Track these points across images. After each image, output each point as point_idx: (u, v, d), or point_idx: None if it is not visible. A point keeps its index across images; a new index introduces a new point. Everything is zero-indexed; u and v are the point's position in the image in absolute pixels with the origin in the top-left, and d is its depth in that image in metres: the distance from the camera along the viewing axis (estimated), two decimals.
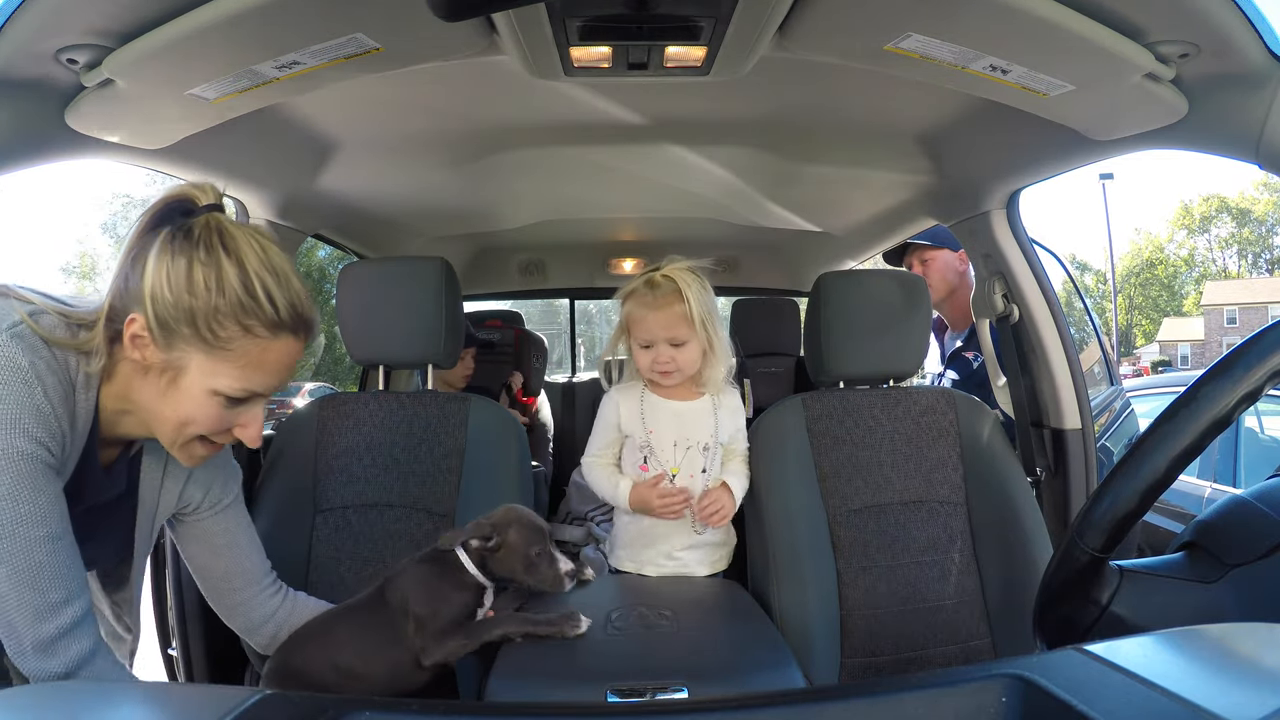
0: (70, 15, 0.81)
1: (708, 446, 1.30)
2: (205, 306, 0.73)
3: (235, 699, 0.39)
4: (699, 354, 1.27)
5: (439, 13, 0.78)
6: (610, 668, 0.90)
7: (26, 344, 0.71)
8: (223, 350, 0.75)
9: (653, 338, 1.26)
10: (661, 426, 1.30)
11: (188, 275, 0.73)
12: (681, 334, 1.24)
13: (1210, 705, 0.34)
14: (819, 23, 0.92)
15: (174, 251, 0.73)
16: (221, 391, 0.77)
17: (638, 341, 1.28)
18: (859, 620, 1.29)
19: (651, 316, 1.25)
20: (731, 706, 0.42)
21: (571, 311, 3.34)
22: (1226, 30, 0.82)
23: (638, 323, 1.27)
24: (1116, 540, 0.60)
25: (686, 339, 1.24)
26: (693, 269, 1.27)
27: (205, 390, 0.76)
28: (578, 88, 1.25)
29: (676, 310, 1.23)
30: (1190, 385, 0.58)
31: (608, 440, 1.34)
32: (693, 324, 1.23)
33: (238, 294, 0.74)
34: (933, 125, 1.43)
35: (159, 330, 0.74)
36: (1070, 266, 4.55)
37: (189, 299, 0.73)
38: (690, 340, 1.25)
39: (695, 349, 1.26)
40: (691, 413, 1.31)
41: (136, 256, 0.75)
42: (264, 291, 0.76)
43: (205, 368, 0.75)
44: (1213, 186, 46.74)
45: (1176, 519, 2.59)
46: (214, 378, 0.76)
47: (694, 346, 1.26)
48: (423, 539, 1.26)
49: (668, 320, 1.24)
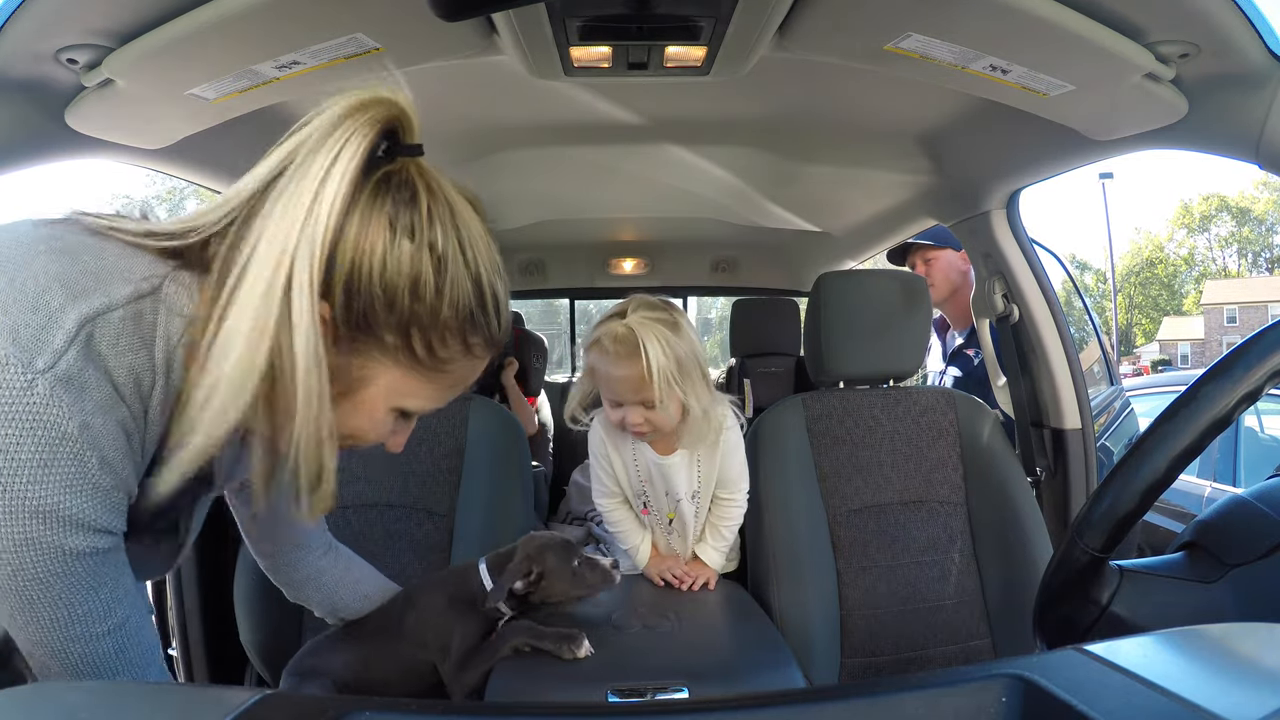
0: (70, 15, 0.81)
1: (694, 495, 1.26)
2: (428, 315, 0.54)
3: (235, 699, 0.39)
4: (678, 409, 1.12)
5: (439, 13, 0.78)
6: (610, 668, 0.90)
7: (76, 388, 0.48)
8: (433, 370, 0.57)
9: (619, 399, 1.12)
10: (654, 478, 1.26)
11: (411, 266, 0.52)
12: (649, 396, 1.08)
13: (1210, 705, 0.34)
14: (819, 23, 0.92)
15: (393, 222, 0.51)
16: (410, 410, 0.60)
17: (605, 398, 1.15)
18: (859, 620, 1.29)
19: (613, 376, 1.09)
20: (731, 706, 0.42)
21: (571, 311, 3.34)
22: (1226, 30, 0.82)
23: (602, 381, 1.13)
24: (1116, 540, 0.60)
25: (660, 398, 1.08)
26: (662, 308, 1.10)
27: (388, 408, 0.58)
28: (578, 88, 1.25)
29: (638, 371, 1.06)
30: (1190, 385, 0.58)
31: (610, 476, 1.27)
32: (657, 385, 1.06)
33: (471, 304, 0.55)
34: (933, 125, 1.43)
35: (351, 328, 0.53)
36: (1070, 266, 4.56)
37: (408, 301, 0.52)
38: (664, 398, 1.08)
39: (673, 406, 1.11)
40: (670, 467, 1.23)
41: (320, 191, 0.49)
42: (494, 301, 0.57)
43: (399, 386, 0.57)
44: (1213, 186, 46.81)
45: (1176, 519, 2.59)
46: (406, 397, 0.58)
47: (670, 405, 1.10)
48: (422, 539, 1.26)
49: (631, 382, 1.08)
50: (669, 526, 1.30)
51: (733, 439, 1.24)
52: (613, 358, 1.08)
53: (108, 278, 0.50)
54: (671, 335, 1.07)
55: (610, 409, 1.15)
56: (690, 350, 1.09)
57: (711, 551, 1.27)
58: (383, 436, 0.61)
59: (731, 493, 1.27)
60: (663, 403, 1.09)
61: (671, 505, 1.27)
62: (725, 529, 1.28)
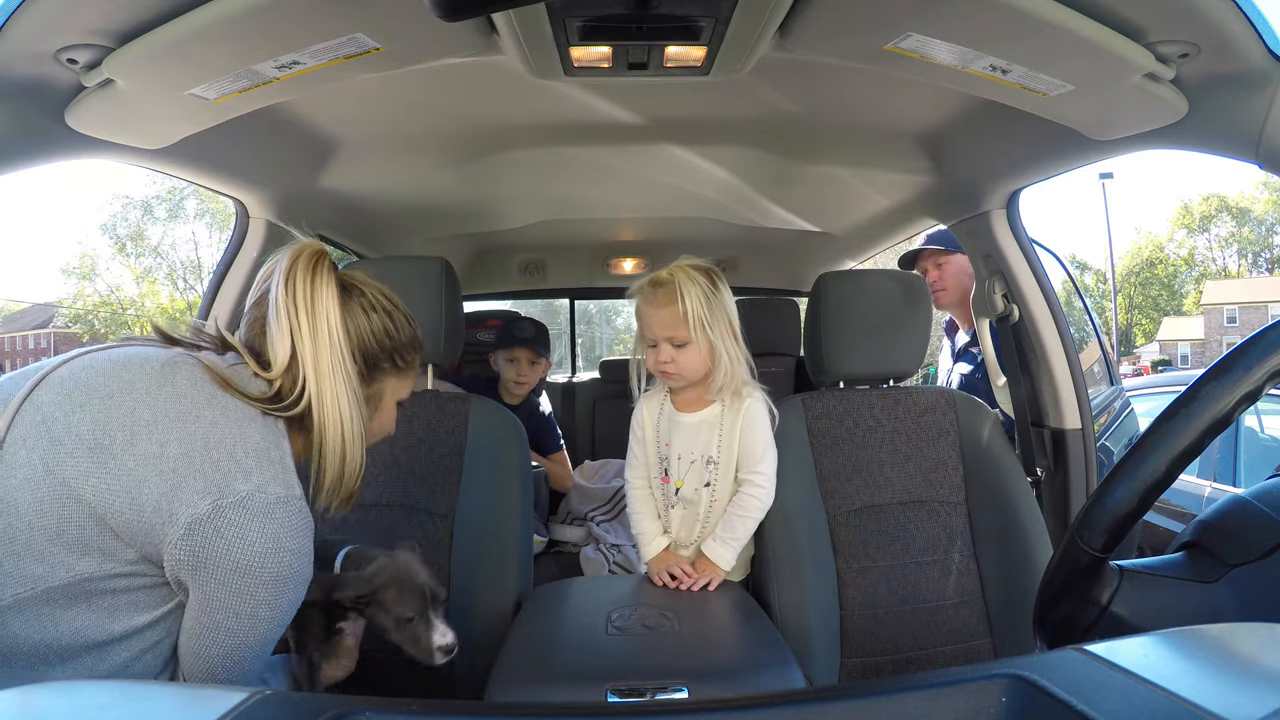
0: (70, 15, 0.81)
1: (711, 460, 1.27)
2: (399, 342, 0.92)
3: (235, 699, 0.39)
4: (702, 358, 1.23)
5: (439, 13, 0.78)
6: (610, 668, 0.90)
7: (303, 510, 0.80)
8: (408, 370, 0.96)
9: (654, 336, 1.25)
10: (675, 439, 1.30)
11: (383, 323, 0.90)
12: (680, 334, 1.22)
13: (1210, 705, 0.34)
14: (819, 23, 0.92)
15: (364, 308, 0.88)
16: (403, 401, 0.97)
17: (644, 339, 1.28)
18: (859, 620, 1.29)
19: (652, 315, 1.24)
20: (731, 706, 0.42)
21: (571, 312, 3.34)
22: (1226, 30, 0.82)
23: (642, 319, 1.27)
24: (1116, 540, 0.60)
25: (686, 340, 1.22)
26: (704, 269, 1.24)
27: (394, 404, 0.96)
28: (578, 88, 1.25)
29: (675, 310, 1.21)
30: (1190, 385, 0.58)
31: (640, 456, 1.34)
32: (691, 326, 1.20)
33: (410, 330, 0.94)
34: (933, 125, 1.43)
35: (369, 369, 0.90)
36: (1070, 266, 4.55)
37: (388, 340, 0.90)
38: (691, 341, 1.22)
39: (697, 351, 1.23)
40: (698, 424, 1.29)
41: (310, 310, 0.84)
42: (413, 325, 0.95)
43: (395, 387, 0.95)
44: (1213, 186, 46.73)
45: (1176, 519, 2.59)
46: (400, 392, 0.96)
47: (696, 349, 1.23)
48: (422, 539, 1.26)
49: (666, 320, 1.22)
50: (677, 498, 1.29)
51: (757, 411, 1.28)
52: (651, 296, 1.24)
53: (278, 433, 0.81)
54: (708, 285, 1.22)
55: (647, 351, 1.28)
56: (723, 305, 1.24)
57: (721, 548, 1.25)
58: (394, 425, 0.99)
59: (751, 473, 1.26)
60: (694, 343, 1.22)
61: (683, 471, 1.28)
62: (739, 521, 1.25)
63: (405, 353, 0.93)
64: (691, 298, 1.20)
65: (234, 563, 0.72)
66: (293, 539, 0.76)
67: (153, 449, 0.72)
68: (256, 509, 0.73)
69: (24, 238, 35.76)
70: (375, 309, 0.89)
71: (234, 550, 0.72)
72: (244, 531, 0.72)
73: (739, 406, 1.27)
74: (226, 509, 0.72)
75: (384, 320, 0.89)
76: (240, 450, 0.75)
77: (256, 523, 0.73)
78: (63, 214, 36.61)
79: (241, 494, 0.73)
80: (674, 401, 1.31)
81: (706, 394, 1.28)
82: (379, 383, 0.92)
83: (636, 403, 1.35)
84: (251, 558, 0.73)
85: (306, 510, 0.79)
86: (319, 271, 0.84)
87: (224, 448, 0.75)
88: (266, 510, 0.74)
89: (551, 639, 1.03)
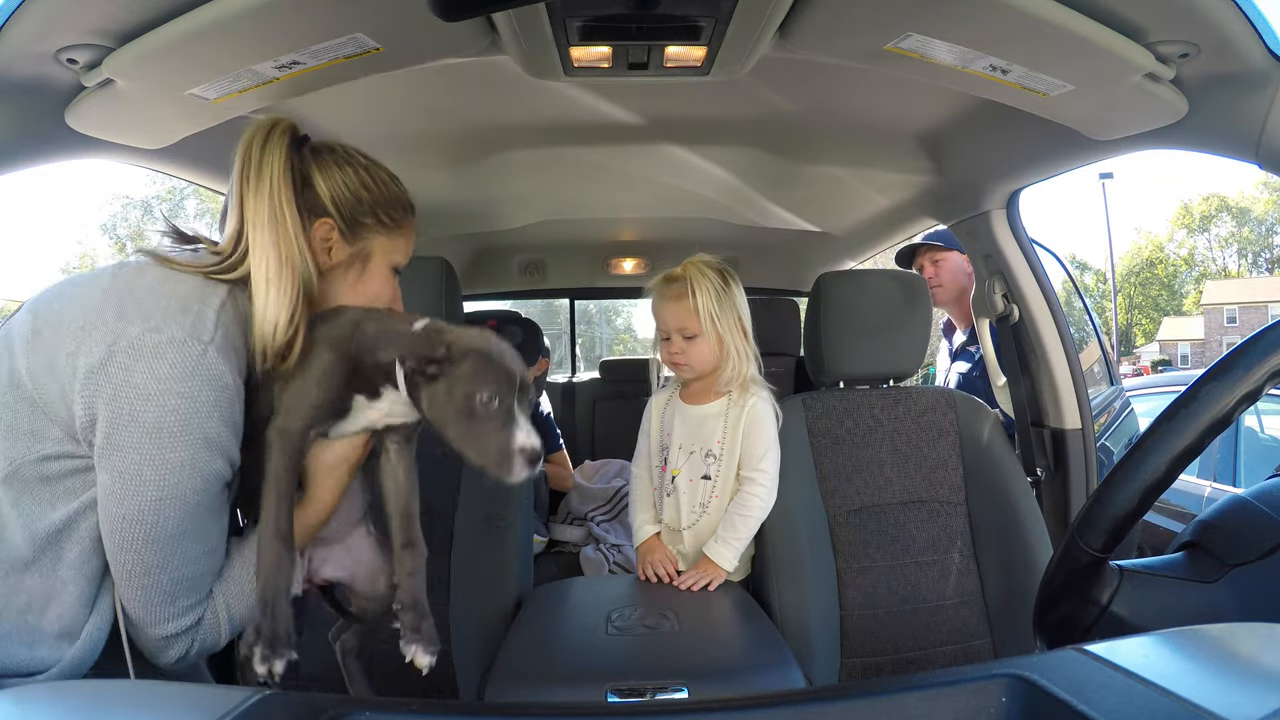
0: (70, 15, 0.81)
1: (711, 453, 1.29)
2: (379, 196, 0.86)
3: (235, 699, 0.39)
4: (712, 350, 1.29)
5: (439, 13, 0.78)
6: (610, 668, 0.90)
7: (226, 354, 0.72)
8: (398, 230, 0.89)
9: (667, 328, 1.31)
10: (677, 429, 1.34)
11: (358, 178, 0.85)
12: (691, 327, 1.28)
13: (1210, 705, 0.34)
14: (819, 23, 0.92)
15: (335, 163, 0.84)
16: (397, 265, 0.90)
17: (659, 332, 1.34)
18: (859, 620, 1.29)
19: (665, 307, 1.31)
20: (731, 706, 0.42)
21: (571, 312, 3.34)
22: (1226, 30, 0.82)
23: (656, 313, 1.34)
24: (1116, 540, 0.60)
25: (696, 332, 1.28)
26: (717, 267, 1.30)
27: (388, 267, 0.89)
28: (578, 88, 1.25)
29: (686, 304, 1.27)
30: (1190, 385, 0.58)
31: (644, 447, 1.41)
32: (701, 319, 1.26)
33: (392, 187, 0.88)
34: (933, 125, 1.43)
35: (348, 227, 0.84)
36: (1070, 266, 4.56)
37: (365, 193, 0.85)
38: (701, 334, 1.28)
39: (707, 344, 1.28)
40: (702, 417, 1.33)
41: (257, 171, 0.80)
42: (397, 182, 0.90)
43: (386, 248, 0.88)
44: (1213, 186, 46.65)
45: (1176, 519, 2.59)
46: (393, 255, 0.89)
47: (706, 342, 1.28)
48: None
49: (678, 312, 1.28)
50: (672, 485, 1.31)
51: (761, 409, 1.31)
52: (664, 290, 1.31)
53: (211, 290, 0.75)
54: (719, 282, 1.29)
55: (661, 344, 1.34)
56: (734, 302, 1.30)
57: (723, 548, 1.25)
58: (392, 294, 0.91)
59: (753, 471, 1.27)
60: (704, 335, 1.27)
61: (681, 461, 1.31)
62: (741, 521, 1.25)
63: (390, 209, 0.88)
64: (703, 291, 1.26)
65: (117, 411, 0.66)
66: (182, 383, 0.68)
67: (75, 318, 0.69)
68: (146, 350, 0.67)
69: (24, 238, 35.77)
70: (349, 163, 0.85)
71: (120, 397, 0.66)
72: (130, 375, 0.67)
73: (744, 403, 1.30)
74: (119, 353, 0.67)
75: (359, 174, 0.85)
76: (151, 300, 0.70)
77: (143, 363, 0.67)
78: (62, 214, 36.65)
79: (133, 336, 0.68)
80: (682, 394, 1.37)
81: (714, 387, 1.33)
82: (364, 240, 0.86)
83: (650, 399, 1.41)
84: (134, 402, 0.67)
85: (215, 360, 0.70)
86: (271, 136, 0.81)
87: (134, 299, 0.70)
88: (157, 350, 0.68)
89: (551, 639, 1.03)
